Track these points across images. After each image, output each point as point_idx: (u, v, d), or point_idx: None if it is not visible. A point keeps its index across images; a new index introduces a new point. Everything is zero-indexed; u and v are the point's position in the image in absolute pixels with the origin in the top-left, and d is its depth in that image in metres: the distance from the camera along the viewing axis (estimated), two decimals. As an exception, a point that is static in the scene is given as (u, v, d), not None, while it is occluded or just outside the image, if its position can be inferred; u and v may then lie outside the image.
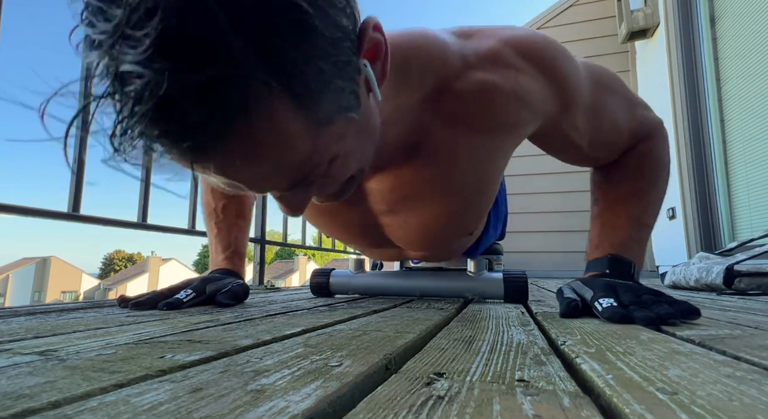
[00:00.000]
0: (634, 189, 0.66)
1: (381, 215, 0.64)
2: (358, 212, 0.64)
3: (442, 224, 0.63)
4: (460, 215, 0.63)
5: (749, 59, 1.81)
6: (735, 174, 1.95)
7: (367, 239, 0.73)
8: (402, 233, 0.67)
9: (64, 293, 24.63)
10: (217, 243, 0.78)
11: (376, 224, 0.67)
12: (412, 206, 0.60)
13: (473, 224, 0.69)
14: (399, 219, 0.63)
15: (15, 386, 0.20)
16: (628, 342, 0.34)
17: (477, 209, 0.65)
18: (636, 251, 0.62)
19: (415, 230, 0.64)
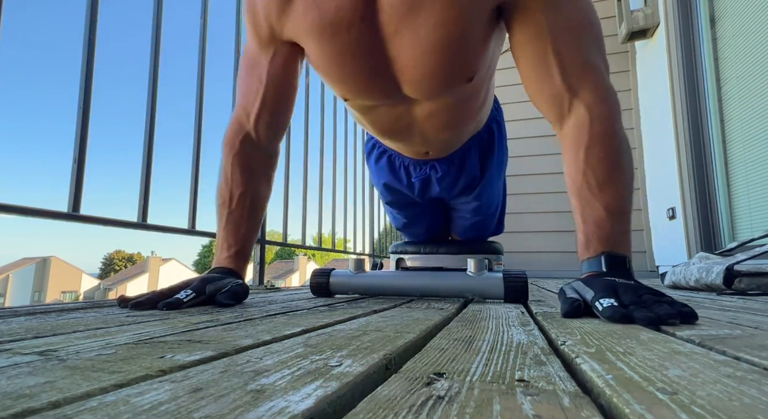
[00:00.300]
0: (604, 176, 0.64)
1: (388, 40, 0.69)
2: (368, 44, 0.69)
3: (443, 47, 0.67)
4: (458, 41, 0.68)
5: (749, 59, 1.81)
6: (735, 174, 1.95)
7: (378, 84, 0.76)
8: (407, 60, 0.71)
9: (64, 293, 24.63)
10: (224, 238, 0.77)
11: (385, 59, 0.71)
12: (416, 26, 0.65)
13: (471, 62, 0.73)
14: (405, 43, 0.68)
15: (15, 386, 0.20)
16: (628, 341, 0.34)
17: (472, 42, 0.70)
18: (624, 243, 0.62)
19: (419, 55, 0.69)
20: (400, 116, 0.86)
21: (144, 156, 1.04)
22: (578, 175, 0.66)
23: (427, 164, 1.06)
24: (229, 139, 0.81)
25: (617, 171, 0.65)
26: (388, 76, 0.75)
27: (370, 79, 0.76)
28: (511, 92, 2.67)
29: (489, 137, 1.06)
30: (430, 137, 0.94)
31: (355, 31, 0.67)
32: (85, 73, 0.88)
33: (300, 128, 1.91)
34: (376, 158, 1.14)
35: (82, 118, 0.87)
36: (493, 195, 1.16)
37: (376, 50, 0.70)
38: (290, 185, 1.74)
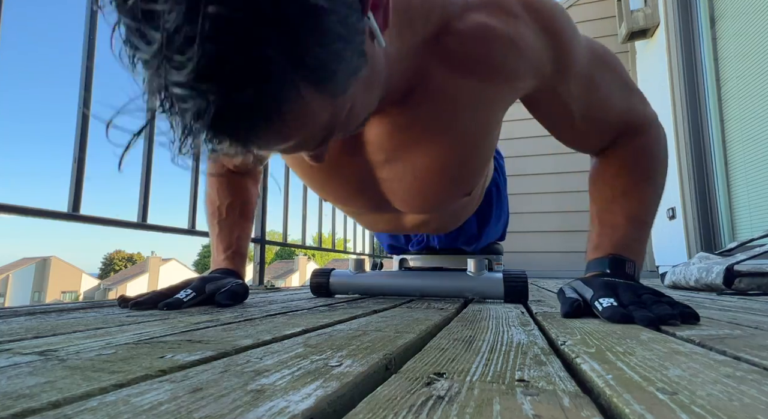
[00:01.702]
0: (631, 187, 0.65)
1: (378, 167, 0.64)
2: (356, 165, 0.64)
3: (439, 174, 0.62)
4: (458, 165, 0.63)
5: (749, 59, 1.81)
6: (735, 174, 1.94)
7: (364, 198, 0.72)
8: (399, 188, 0.66)
9: (64, 293, 24.63)
10: (219, 243, 0.78)
11: (373, 179, 0.66)
12: (409, 155, 0.60)
13: (471, 179, 0.69)
14: (396, 171, 0.63)
15: (15, 386, 0.20)
16: (628, 341, 0.34)
17: (474, 161, 0.65)
18: (636, 249, 0.62)
19: (412, 183, 0.64)
20: (390, 221, 0.82)
21: (144, 156, 1.04)
22: (605, 186, 0.66)
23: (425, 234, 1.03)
24: (213, 171, 0.81)
25: (646, 185, 0.65)
26: (377, 194, 0.69)
27: (356, 195, 0.71)
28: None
29: (488, 203, 0.98)
30: (424, 233, 0.93)
31: (336, 157, 0.62)
32: (84, 73, 0.87)
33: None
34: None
35: (82, 118, 0.87)
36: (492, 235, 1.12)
37: (362, 172, 0.65)
38: (290, 185, 1.74)
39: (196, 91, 0.26)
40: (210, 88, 0.26)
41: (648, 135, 0.67)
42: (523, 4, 0.52)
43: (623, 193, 0.64)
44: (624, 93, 0.65)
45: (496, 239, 1.26)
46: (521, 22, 0.52)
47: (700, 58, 2.12)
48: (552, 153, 2.84)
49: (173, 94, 0.27)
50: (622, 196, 0.64)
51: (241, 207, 0.80)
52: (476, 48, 0.51)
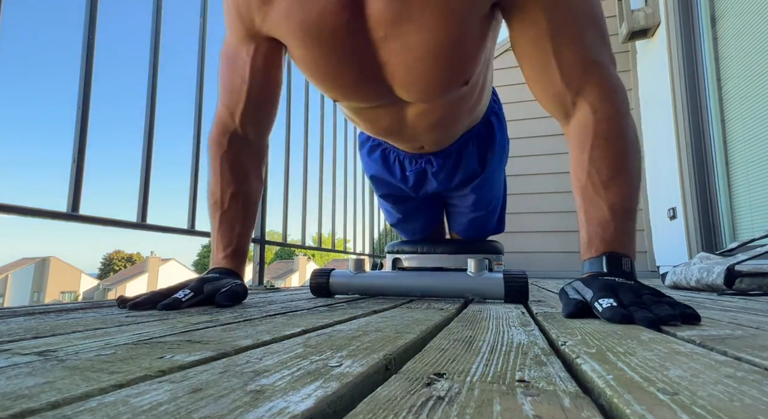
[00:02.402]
0: (609, 175, 0.63)
1: (379, 46, 0.66)
2: (357, 46, 0.66)
3: (435, 50, 0.65)
4: (451, 42, 0.65)
5: (750, 59, 1.81)
6: (735, 174, 1.94)
7: (366, 85, 0.73)
8: (399, 69, 0.68)
9: (63, 293, 24.63)
10: (219, 239, 0.77)
11: (374, 63, 0.68)
12: (406, 31, 0.63)
13: (466, 64, 0.71)
14: (395, 50, 0.66)
15: (14, 386, 0.20)
16: (629, 342, 0.34)
17: (466, 41, 0.67)
18: (627, 243, 0.61)
19: (412, 62, 0.66)
20: (392, 115, 0.84)
21: (143, 156, 1.04)
22: (583, 174, 0.65)
23: (422, 158, 1.03)
24: (215, 137, 0.79)
25: (623, 171, 0.64)
26: (379, 80, 0.72)
27: (358, 83, 0.73)
28: (512, 92, 2.67)
29: (488, 130, 1.03)
30: (424, 134, 0.92)
31: (340, 35, 0.65)
32: (84, 73, 0.87)
33: (300, 127, 1.91)
34: (369, 150, 1.11)
35: (81, 117, 0.87)
36: (492, 189, 1.14)
37: (364, 54, 0.68)
38: (290, 184, 1.74)
39: None
40: None
41: (614, 103, 0.65)
42: None
43: (603, 183, 0.63)
44: (598, 40, 0.66)
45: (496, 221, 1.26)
46: None
47: (701, 58, 2.12)
48: (552, 153, 2.84)
49: None
50: (603, 186, 0.63)
51: (243, 199, 0.79)
52: None
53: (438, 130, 0.91)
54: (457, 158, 1.03)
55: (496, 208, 1.23)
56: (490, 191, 1.14)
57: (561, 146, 2.76)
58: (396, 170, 1.08)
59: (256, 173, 0.83)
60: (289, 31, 0.68)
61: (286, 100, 1.66)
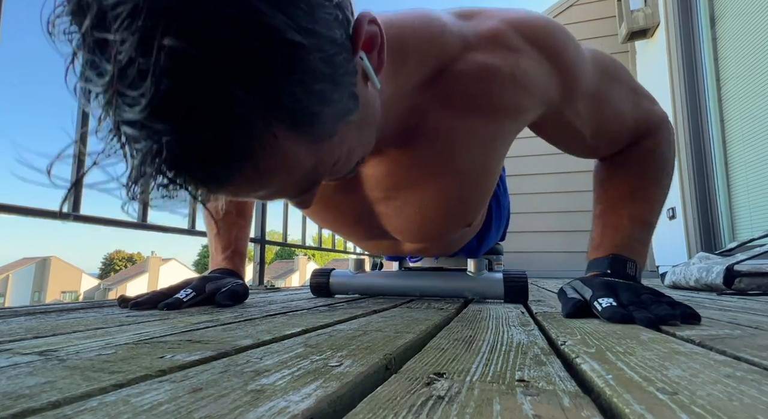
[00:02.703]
0: (637, 188, 0.64)
1: (377, 202, 0.63)
2: (353, 200, 0.63)
3: (438, 212, 0.61)
4: (458, 203, 0.62)
5: (749, 59, 1.81)
6: (735, 174, 1.95)
7: (362, 229, 0.71)
8: (398, 223, 0.65)
9: (64, 293, 24.63)
10: (217, 243, 0.77)
11: (371, 212, 0.65)
12: (408, 193, 0.59)
13: (471, 214, 0.67)
14: (395, 207, 0.62)
15: (15, 386, 0.20)
16: (628, 342, 0.34)
17: (475, 197, 0.64)
18: (639, 250, 0.62)
19: (411, 218, 0.63)
20: (389, 247, 0.81)
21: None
22: (611, 186, 0.66)
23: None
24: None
25: (651, 187, 0.65)
26: (375, 226, 0.68)
27: (353, 227, 0.70)
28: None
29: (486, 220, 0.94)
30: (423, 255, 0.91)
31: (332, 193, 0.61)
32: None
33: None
34: None
35: (82, 117, 0.87)
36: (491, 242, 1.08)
37: (361, 207, 0.64)
38: (290, 185, 1.74)
39: (148, 131, 0.24)
40: (164, 128, 0.24)
41: (658, 136, 0.66)
42: (522, 35, 0.50)
43: (630, 194, 0.64)
44: (633, 99, 0.64)
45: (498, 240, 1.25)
46: (522, 55, 0.50)
47: (700, 58, 2.12)
48: (552, 153, 2.83)
49: (125, 133, 0.25)
50: (630, 197, 0.64)
51: (237, 206, 0.79)
52: (476, 88, 0.50)
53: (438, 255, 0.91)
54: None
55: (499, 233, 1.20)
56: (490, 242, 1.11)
57: (561, 146, 2.76)
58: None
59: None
60: None
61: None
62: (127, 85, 0.23)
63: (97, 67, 0.23)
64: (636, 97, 0.64)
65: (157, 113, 0.23)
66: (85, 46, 0.24)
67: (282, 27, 0.24)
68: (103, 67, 0.23)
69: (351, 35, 0.32)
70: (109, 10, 0.22)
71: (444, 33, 0.49)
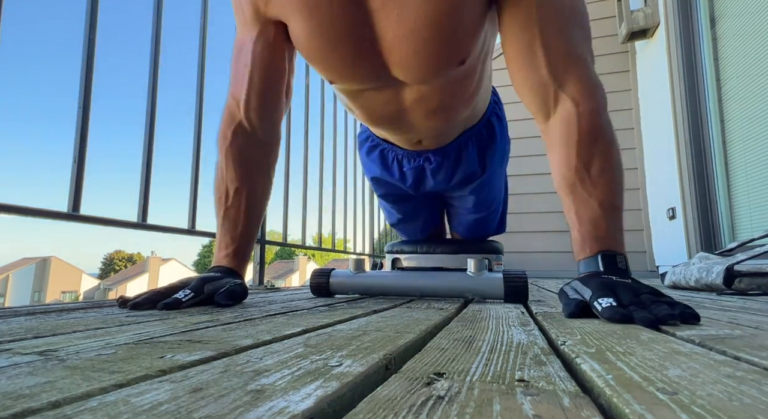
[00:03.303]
0: (597, 172, 0.64)
1: (375, 15, 0.66)
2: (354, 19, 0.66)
3: (432, 24, 0.65)
4: (448, 17, 0.65)
5: (749, 59, 1.81)
6: (735, 174, 1.95)
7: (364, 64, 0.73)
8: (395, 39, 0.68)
9: (64, 293, 24.63)
10: (222, 236, 0.76)
11: (372, 38, 0.69)
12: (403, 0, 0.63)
13: (463, 40, 0.70)
14: (392, 19, 0.66)
15: (15, 386, 0.20)
16: (629, 342, 0.34)
17: (462, 20, 0.67)
18: (619, 240, 0.62)
19: (408, 32, 0.66)
20: (389, 100, 0.82)
21: (144, 156, 1.04)
22: (570, 171, 0.65)
23: (420, 156, 1.02)
24: (222, 130, 0.78)
25: (609, 167, 0.64)
26: (375, 56, 0.71)
27: (355, 58, 0.72)
28: (512, 92, 2.67)
29: (489, 130, 1.02)
30: (421, 124, 0.89)
31: (337, 5, 0.65)
32: (85, 72, 0.88)
33: (300, 127, 1.91)
34: (367, 151, 1.10)
35: (82, 117, 0.87)
36: (493, 191, 1.13)
37: (361, 26, 0.68)
38: (290, 184, 1.74)
39: None
40: None
41: (596, 101, 0.66)
42: None
43: (591, 180, 0.63)
44: (583, 39, 0.68)
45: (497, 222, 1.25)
46: None
47: (700, 58, 2.12)
48: (552, 153, 2.84)
49: None
50: (591, 184, 0.63)
51: (247, 195, 0.77)
52: None
53: (435, 118, 0.88)
54: (456, 157, 1.01)
55: (497, 209, 1.22)
56: (491, 192, 1.13)
57: (561, 146, 2.76)
58: (394, 169, 1.07)
59: (263, 171, 0.81)
60: (288, 4, 0.68)
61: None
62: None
63: None
64: (585, 40, 0.68)
65: None
66: None
67: None
68: None
69: None
70: None
71: None
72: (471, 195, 1.11)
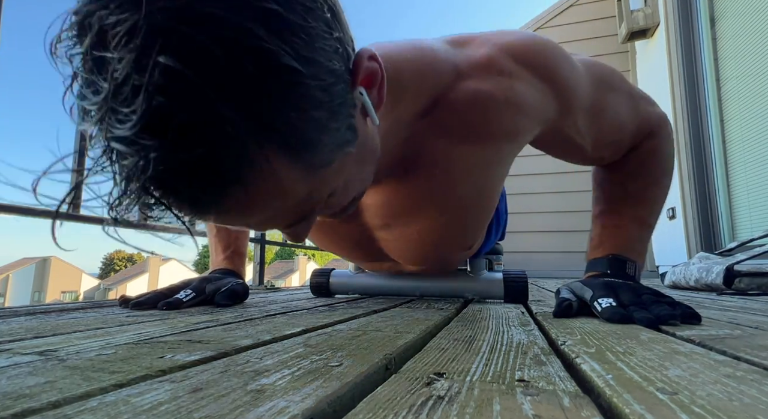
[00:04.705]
0: (638, 188, 0.64)
1: (377, 229, 0.63)
2: (353, 227, 0.63)
3: (439, 239, 0.62)
4: (459, 229, 0.62)
5: (749, 59, 1.81)
6: (735, 174, 1.95)
7: (362, 253, 0.73)
8: (398, 248, 0.66)
9: (64, 293, 24.63)
10: (217, 243, 0.78)
11: (371, 238, 0.66)
12: (408, 221, 0.59)
13: (472, 238, 0.68)
14: (395, 234, 0.62)
15: (15, 386, 0.20)
16: (628, 342, 0.34)
17: (475, 222, 0.64)
18: (638, 250, 0.62)
19: (412, 245, 0.63)
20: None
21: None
22: (612, 186, 0.66)
23: None
24: None
25: (652, 187, 0.65)
26: (375, 250, 0.70)
27: (353, 250, 0.72)
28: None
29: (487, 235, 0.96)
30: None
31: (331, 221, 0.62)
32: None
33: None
34: None
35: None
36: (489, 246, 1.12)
37: (361, 233, 0.65)
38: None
39: (136, 147, 0.23)
40: (152, 144, 0.23)
41: (658, 136, 0.66)
42: (514, 58, 0.50)
43: (631, 195, 0.64)
44: (631, 105, 0.63)
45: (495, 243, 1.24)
46: (516, 78, 0.50)
47: (700, 58, 2.12)
48: (552, 153, 2.84)
49: (114, 149, 0.24)
50: (630, 198, 0.64)
51: None
52: (471, 115, 0.50)
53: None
54: None
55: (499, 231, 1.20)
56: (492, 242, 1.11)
57: (561, 146, 2.76)
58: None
59: None
60: None
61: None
62: (120, 101, 0.23)
63: (94, 85, 0.24)
64: (634, 102, 0.64)
65: (147, 129, 0.23)
66: (85, 65, 0.24)
67: (280, 52, 0.24)
68: (100, 85, 0.23)
69: (351, 70, 0.32)
70: (110, 29, 0.22)
71: (437, 62, 0.49)
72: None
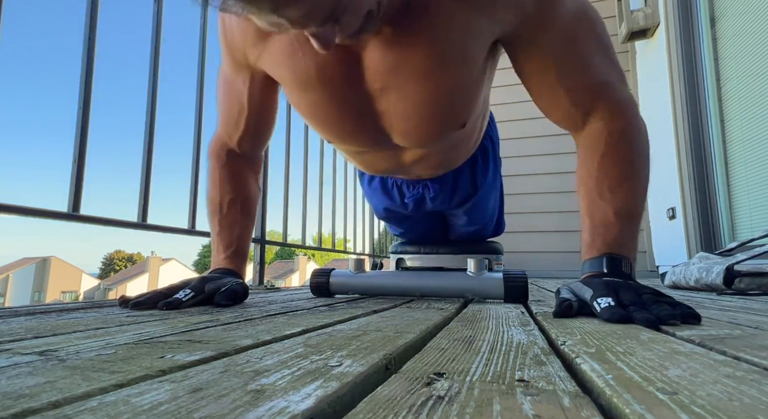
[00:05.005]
0: (617, 181, 0.64)
1: (376, 97, 0.66)
2: (354, 97, 0.66)
3: (432, 101, 0.65)
4: (449, 91, 0.65)
5: (749, 59, 1.80)
6: (735, 174, 1.94)
7: (364, 132, 0.73)
8: (397, 119, 0.69)
9: (64, 293, 24.63)
10: (219, 242, 0.78)
11: (372, 112, 0.69)
12: (404, 81, 0.63)
13: (463, 110, 0.71)
14: (393, 100, 0.66)
15: (15, 386, 0.20)
16: (628, 341, 0.34)
17: (463, 90, 0.67)
18: (630, 246, 0.62)
19: (409, 111, 0.67)
20: (389, 158, 0.84)
21: (144, 156, 1.04)
22: (591, 179, 0.65)
23: (419, 183, 1.04)
24: (215, 151, 0.82)
25: (632, 177, 0.65)
26: (376, 128, 0.72)
27: (356, 129, 0.73)
28: (508, 93, 2.66)
29: (483, 154, 1.03)
30: (422, 173, 0.94)
31: (337, 86, 0.65)
32: (85, 72, 0.87)
33: (300, 128, 1.90)
34: (368, 180, 1.13)
35: (82, 117, 0.87)
36: (488, 207, 1.15)
37: (362, 104, 0.68)
38: (290, 185, 1.74)
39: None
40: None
41: (625, 118, 0.66)
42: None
43: (610, 188, 0.63)
44: (605, 62, 0.66)
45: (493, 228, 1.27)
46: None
47: (700, 58, 2.12)
48: (552, 153, 2.84)
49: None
50: (610, 191, 0.63)
51: (242, 203, 0.81)
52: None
53: (437, 170, 0.93)
54: (453, 182, 1.03)
55: (492, 217, 1.23)
56: (485, 209, 1.14)
57: (560, 145, 2.75)
58: (395, 196, 1.09)
59: (254, 179, 0.86)
60: (284, 76, 0.68)
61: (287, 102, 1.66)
62: None
63: None
64: (609, 62, 0.66)
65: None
66: None
67: None
68: None
69: None
70: None
71: None
72: (468, 213, 1.12)
